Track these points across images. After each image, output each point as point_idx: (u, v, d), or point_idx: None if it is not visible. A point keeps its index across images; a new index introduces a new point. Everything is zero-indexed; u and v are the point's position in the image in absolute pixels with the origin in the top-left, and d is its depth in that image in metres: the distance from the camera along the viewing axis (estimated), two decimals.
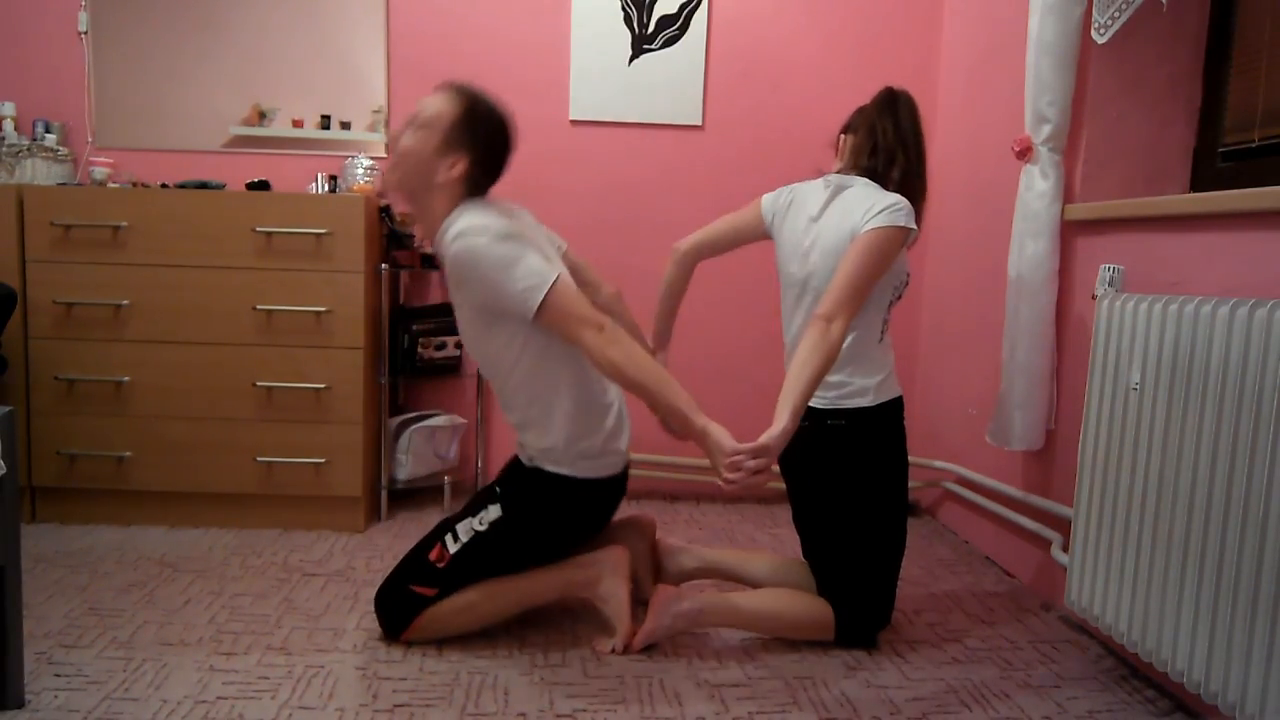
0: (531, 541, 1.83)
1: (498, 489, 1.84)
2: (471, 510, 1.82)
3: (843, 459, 1.83)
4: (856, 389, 1.81)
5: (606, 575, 1.84)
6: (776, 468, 1.61)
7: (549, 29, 2.85)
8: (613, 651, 1.81)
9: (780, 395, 1.60)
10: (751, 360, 2.93)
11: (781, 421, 1.56)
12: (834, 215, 1.80)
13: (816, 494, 1.88)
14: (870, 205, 1.74)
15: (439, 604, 1.78)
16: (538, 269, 1.65)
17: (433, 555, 1.79)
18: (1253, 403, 1.36)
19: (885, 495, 1.84)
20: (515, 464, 1.89)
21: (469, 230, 1.65)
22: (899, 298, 1.87)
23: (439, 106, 1.75)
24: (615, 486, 1.87)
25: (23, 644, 1.53)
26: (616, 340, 1.64)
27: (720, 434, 1.58)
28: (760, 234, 1.98)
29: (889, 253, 1.70)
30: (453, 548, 1.78)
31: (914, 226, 1.74)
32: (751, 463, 1.52)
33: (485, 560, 1.80)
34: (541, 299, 1.63)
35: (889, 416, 1.84)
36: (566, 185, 2.90)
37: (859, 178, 1.83)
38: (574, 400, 1.77)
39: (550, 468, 1.79)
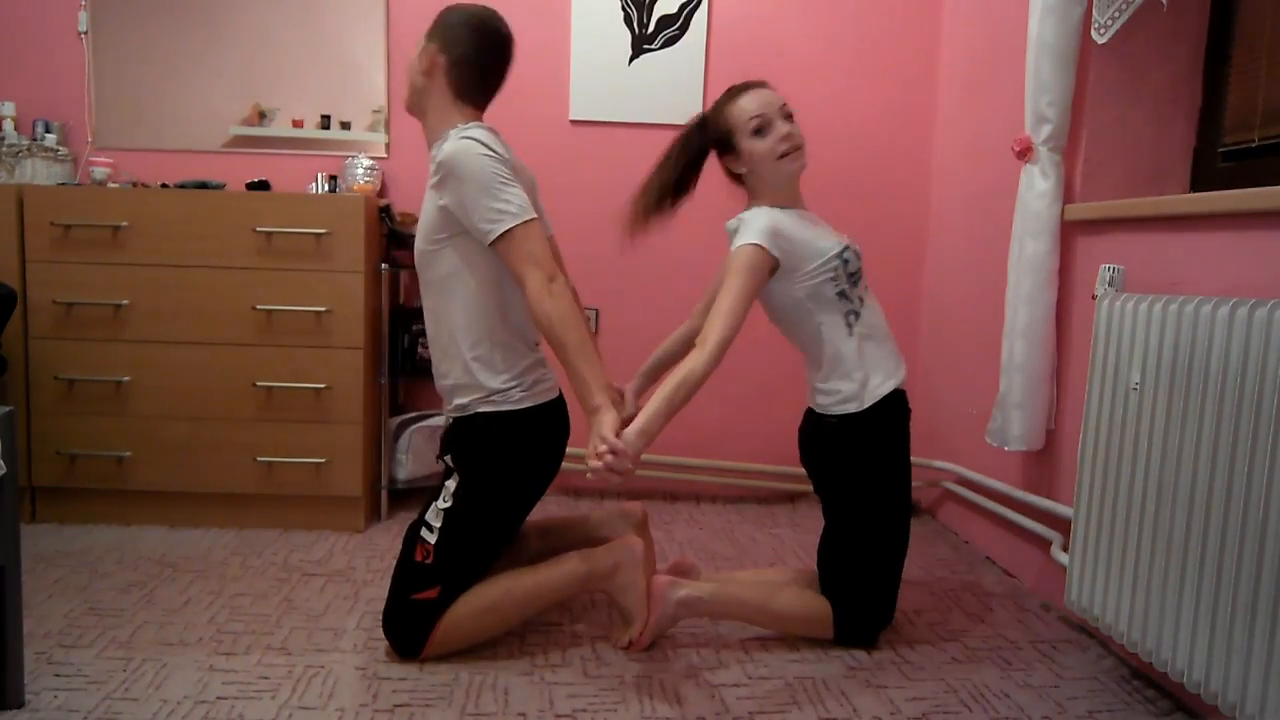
0: (500, 494, 1.78)
1: (446, 460, 1.81)
2: (433, 497, 1.80)
3: (841, 455, 1.83)
4: (843, 396, 1.81)
5: (625, 565, 1.83)
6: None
7: (549, 29, 2.85)
8: (630, 643, 1.81)
9: (650, 401, 1.63)
10: (751, 361, 2.93)
11: (636, 426, 1.59)
12: None
13: (821, 488, 1.90)
14: (733, 229, 1.83)
15: (455, 610, 1.73)
16: (523, 203, 1.68)
17: (418, 556, 1.74)
18: (1253, 403, 1.36)
19: (885, 495, 1.84)
20: (452, 429, 1.84)
21: (482, 139, 1.70)
22: (852, 281, 1.82)
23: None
24: (557, 412, 1.85)
25: (23, 644, 1.53)
26: (560, 295, 1.66)
27: (605, 422, 1.60)
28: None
29: (742, 269, 1.73)
30: (432, 539, 1.74)
31: (756, 242, 1.73)
32: (610, 458, 1.54)
33: (468, 535, 1.75)
34: (512, 225, 1.65)
35: (883, 416, 1.82)
36: (566, 185, 2.90)
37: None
38: (507, 326, 1.77)
39: (488, 408, 1.76)
